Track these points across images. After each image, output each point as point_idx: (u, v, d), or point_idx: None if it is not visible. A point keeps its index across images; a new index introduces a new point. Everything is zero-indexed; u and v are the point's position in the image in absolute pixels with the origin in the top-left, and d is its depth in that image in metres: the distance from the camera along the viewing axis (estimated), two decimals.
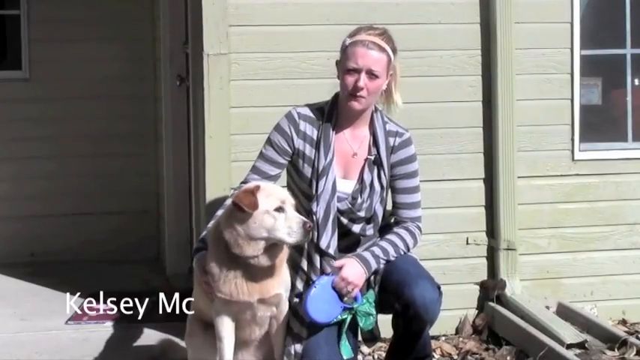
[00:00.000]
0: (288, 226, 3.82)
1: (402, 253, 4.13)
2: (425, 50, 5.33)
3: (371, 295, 4.07)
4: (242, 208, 3.80)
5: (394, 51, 4.15)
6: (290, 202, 3.90)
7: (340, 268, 4.01)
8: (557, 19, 5.50)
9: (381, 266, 4.09)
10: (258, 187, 3.87)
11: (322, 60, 5.08)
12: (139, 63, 7.15)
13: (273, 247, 3.87)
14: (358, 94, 4.05)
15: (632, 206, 5.62)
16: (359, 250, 4.13)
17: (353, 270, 4.01)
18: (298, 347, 4.05)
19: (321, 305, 3.97)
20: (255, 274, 3.90)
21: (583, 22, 5.55)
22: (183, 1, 6.14)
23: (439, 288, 4.07)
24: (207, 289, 3.95)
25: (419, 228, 4.22)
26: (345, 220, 4.12)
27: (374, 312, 4.06)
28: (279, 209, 3.84)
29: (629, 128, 5.70)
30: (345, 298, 4.02)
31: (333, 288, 4.00)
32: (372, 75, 4.05)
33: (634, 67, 5.70)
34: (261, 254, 3.85)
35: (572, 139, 5.54)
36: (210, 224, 4.04)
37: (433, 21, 5.35)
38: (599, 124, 5.72)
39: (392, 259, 4.10)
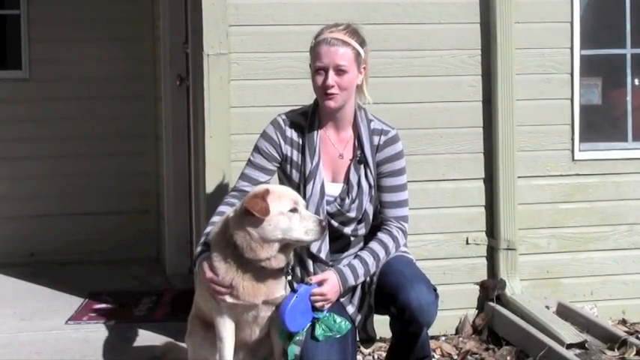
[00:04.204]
0: (304, 226, 3.85)
1: (385, 260, 4.10)
2: (425, 50, 5.33)
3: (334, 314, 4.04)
4: (253, 214, 3.80)
5: (362, 44, 4.10)
6: (302, 202, 3.93)
7: (321, 282, 3.98)
8: (557, 19, 5.50)
9: (359, 282, 4.07)
10: (267, 191, 3.86)
11: None
12: (139, 63, 7.15)
13: (284, 249, 3.88)
14: (329, 92, 4.03)
15: (632, 206, 5.62)
16: (343, 262, 4.11)
17: (332, 287, 3.99)
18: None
19: (297, 315, 3.94)
20: (263, 276, 3.91)
21: (583, 22, 5.55)
22: (183, 1, 6.14)
23: (435, 290, 4.06)
24: (214, 290, 3.91)
25: (402, 230, 4.18)
26: (335, 224, 4.12)
27: (335, 328, 4.00)
28: (294, 210, 3.86)
29: (629, 128, 5.70)
30: (316, 310, 3.99)
31: (309, 298, 3.96)
32: (339, 70, 4.04)
33: (634, 67, 5.70)
34: (274, 257, 3.86)
35: (572, 139, 5.54)
36: (213, 227, 4.01)
37: (433, 21, 5.35)
38: (599, 124, 5.72)
39: (372, 271, 4.08)
